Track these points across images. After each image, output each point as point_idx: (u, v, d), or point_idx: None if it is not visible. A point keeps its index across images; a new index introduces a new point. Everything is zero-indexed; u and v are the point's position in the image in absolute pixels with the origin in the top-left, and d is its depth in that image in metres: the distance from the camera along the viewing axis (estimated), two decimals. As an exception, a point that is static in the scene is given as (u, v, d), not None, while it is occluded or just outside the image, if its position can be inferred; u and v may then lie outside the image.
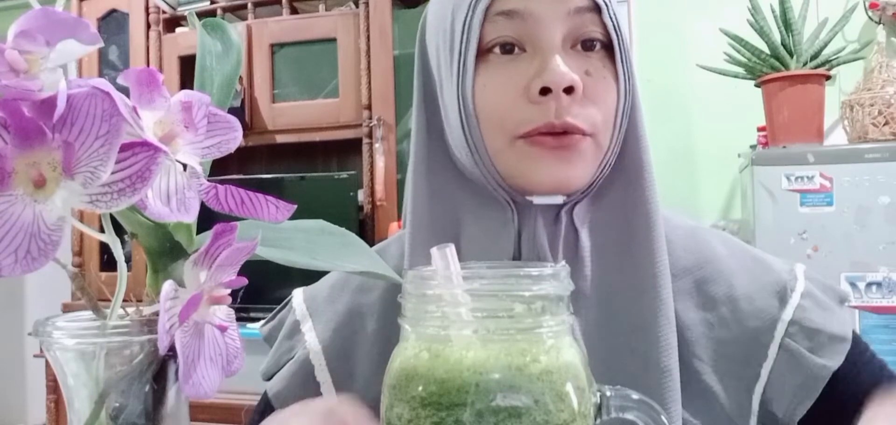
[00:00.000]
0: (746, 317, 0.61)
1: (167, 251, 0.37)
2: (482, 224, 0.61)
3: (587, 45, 0.59)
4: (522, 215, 0.61)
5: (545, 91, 0.56)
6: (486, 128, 0.59)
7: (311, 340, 0.68)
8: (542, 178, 0.58)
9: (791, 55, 1.91)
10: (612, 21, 0.59)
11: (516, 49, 0.59)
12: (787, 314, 0.61)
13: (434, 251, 0.39)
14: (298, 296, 0.72)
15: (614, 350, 0.59)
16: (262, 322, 0.75)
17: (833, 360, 0.59)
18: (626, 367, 0.58)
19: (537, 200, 0.60)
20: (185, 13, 2.58)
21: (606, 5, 0.58)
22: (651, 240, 0.60)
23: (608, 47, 0.59)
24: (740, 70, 2.01)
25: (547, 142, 0.57)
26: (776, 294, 0.62)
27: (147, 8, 2.59)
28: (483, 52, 0.59)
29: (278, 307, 0.74)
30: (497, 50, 0.59)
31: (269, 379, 0.70)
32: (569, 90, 0.56)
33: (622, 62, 0.59)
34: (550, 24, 0.57)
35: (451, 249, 0.39)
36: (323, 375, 0.67)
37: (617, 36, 0.59)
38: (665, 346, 0.58)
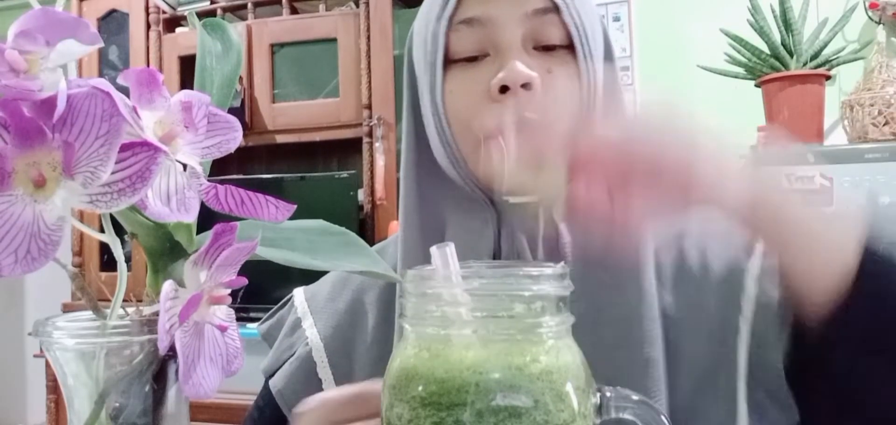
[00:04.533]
0: (718, 278, 0.62)
1: (167, 251, 0.37)
2: (464, 224, 0.63)
3: (548, 46, 0.61)
4: (502, 214, 0.63)
5: (504, 89, 0.58)
6: (456, 131, 0.62)
7: (313, 337, 0.69)
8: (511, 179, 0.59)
9: (791, 55, 1.91)
10: (574, 19, 0.60)
11: (480, 55, 0.61)
12: (755, 263, 0.61)
13: (434, 250, 0.39)
14: (299, 294, 0.74)
15: (598, 343, 0.58)
16: (260, 320, 0.76)
17: None
18: (611, 360, 0.58)
19: (512, 200, 0.60)
20: (185, 13, 2.58)
21: (566, 4, 0.60)
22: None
23: (572, 46, 0.61)
24: (740, 70, 2.01)
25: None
26: (744, 249, 0.62)
27: (147, 8, 2.59)
28: (452, 61, 0.62)
29: (277, 306, 0.76)
30: (462, 57, 0.61)
31: (270, 375, 0.70)
32: (527, 86, 0.58)
33: (584, 59, 0.61)
34: (507, 27, 0.60)
35: (450, 249, 0.39)
36: (324, 372, 0.68)
37: (578, 33, 0.60)
38: (649, 338, 0.59)
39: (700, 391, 0.59)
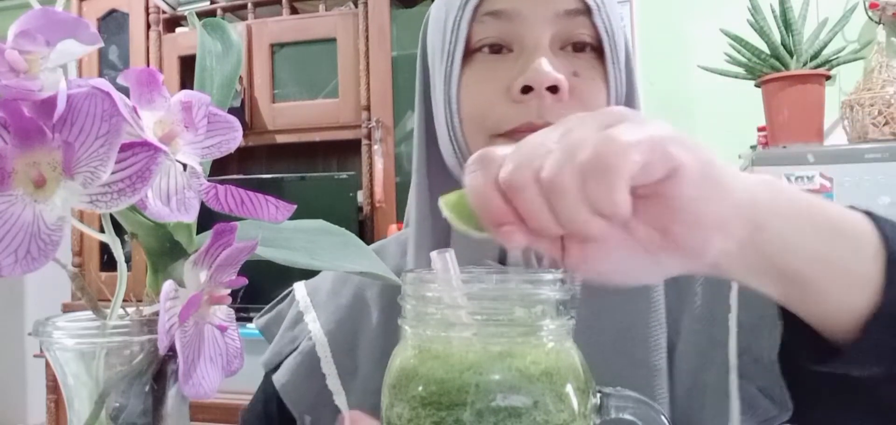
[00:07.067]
0: (707, 276, 0.59)
1: (167, 251, 0.37)
2: None
3: (577, 46, 0.58)
4: None
5: (527, 90, 0.55)
6: (467, 127, 0.59)
7: (316, 331, 0.68)
8: None
9: (791, 55, 1.91)
10: (604, 23, 0.58)
11: (504, 49, 0.58)
12: None
13: (434, 255, 0.39)
14: (300, 288, 0.73)
15: (601, 349, 0.58)
16: (259, 314, 0.75)
17: None
18: (613, 367, 0.57)
19: None
20: (185, 13, 2.58)
21: (598, 6, 0.58)
22: None
23: (600, 49, 0.59)
24: (740, 70, 2.01)
25: None
26: None
27: (147, 8, 2.59)
28: (472, 52, 0.59)
29: (276, 300, 0.75)
30: (485, 50, 0.59)
31: (272, 369, 0.70)
32: (553, 90, 0.55)
33: (613, 64, 0.59)
34: (537, 25, 0.57)
35: (450, 253, 0.39)
36: (328, 367, 0.67)
37: (608, 37, 0.58)
38: (654, 347, 0.58)
39: (694, 390, 0.59)
